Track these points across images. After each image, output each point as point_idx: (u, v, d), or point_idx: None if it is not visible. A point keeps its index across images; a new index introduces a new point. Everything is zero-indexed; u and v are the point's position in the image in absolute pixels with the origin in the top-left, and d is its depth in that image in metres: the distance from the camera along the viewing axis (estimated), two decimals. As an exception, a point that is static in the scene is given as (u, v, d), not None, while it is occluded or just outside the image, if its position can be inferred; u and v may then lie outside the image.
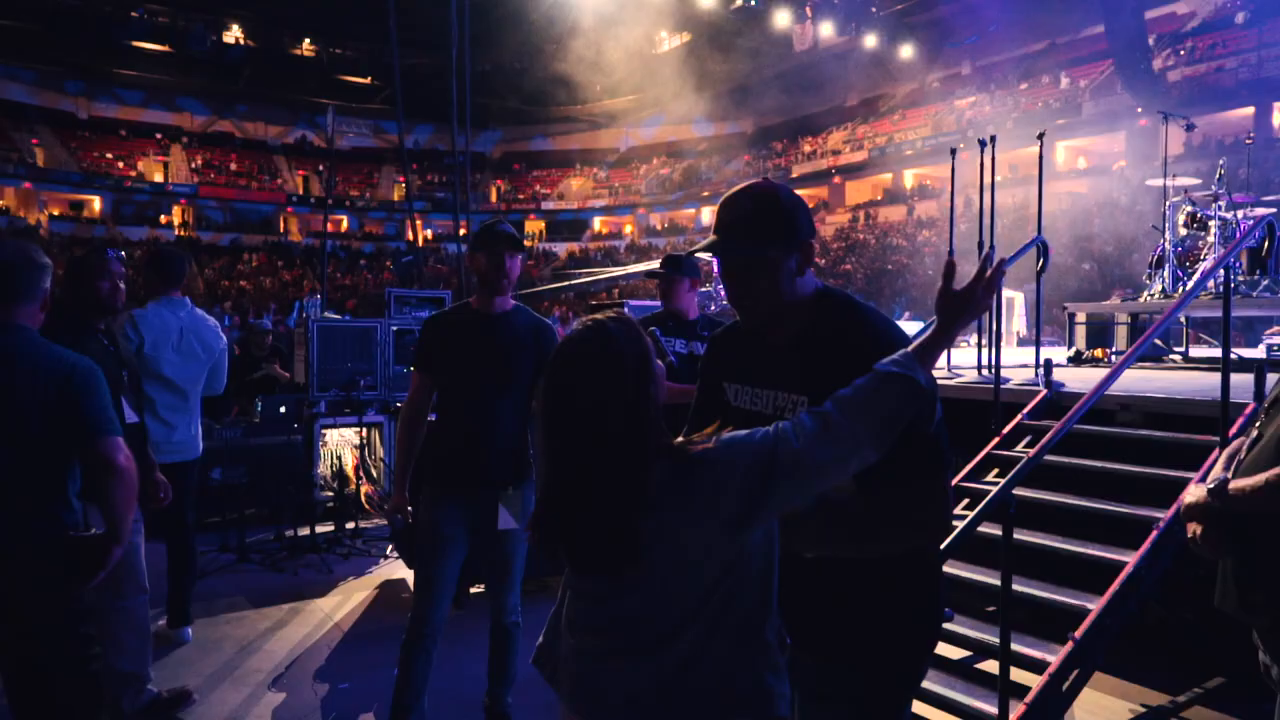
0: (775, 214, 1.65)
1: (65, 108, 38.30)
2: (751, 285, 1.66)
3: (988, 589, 3.55)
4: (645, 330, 1.45)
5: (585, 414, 1.34)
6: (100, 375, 2.34)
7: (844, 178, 36.30)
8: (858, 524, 1.53)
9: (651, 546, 1.30)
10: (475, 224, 23.27)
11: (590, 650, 1.40)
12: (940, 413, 1.46)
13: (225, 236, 38.10)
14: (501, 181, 46.36)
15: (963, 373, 5.63)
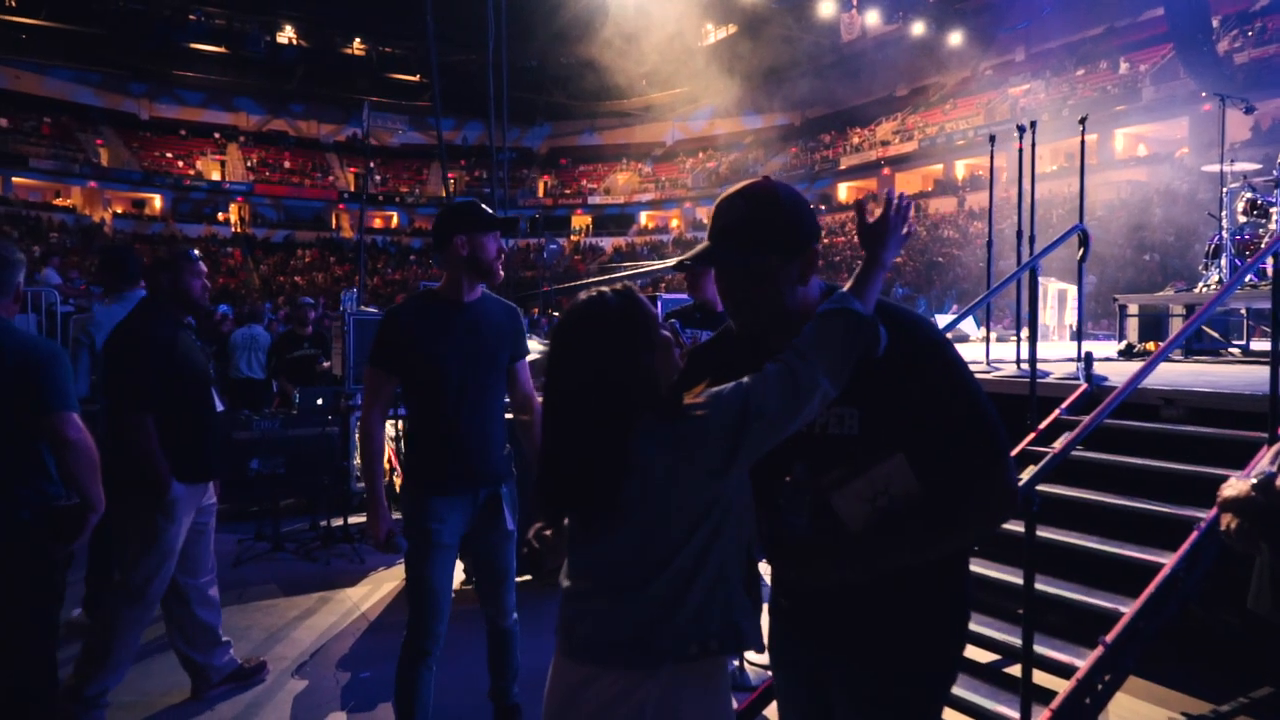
0: (775, 217, 1.52)
1: (128, 109, 39.52)
2: (749, 295, 1.56)
3: (1017, 590, 3.42)
4: (666, 322, 1.56)
5: (578, 368, 1.47)
6: (63, 357, 2.50)
7: (893, 169, 35.67)
8: (929, 526, 1.49)
9: (635, 493, 1.41)
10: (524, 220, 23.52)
11: (578, 591, 1.50)
12: (983, 393, 1.52)
13: (279, 233, 38.96)
14: (548, 176, 46.58)
15: (1002, 367, 5.46)
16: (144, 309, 3.34)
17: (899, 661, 1.57)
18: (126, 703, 3.49)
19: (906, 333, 1.53)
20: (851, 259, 31.27)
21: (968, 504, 1.50)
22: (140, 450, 3.15)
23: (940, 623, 1.59)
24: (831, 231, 35.36)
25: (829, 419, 1.54)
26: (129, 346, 3.22)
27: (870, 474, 1.49)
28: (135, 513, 3.22)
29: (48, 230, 31.63)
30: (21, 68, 35.89)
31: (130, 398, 3.15)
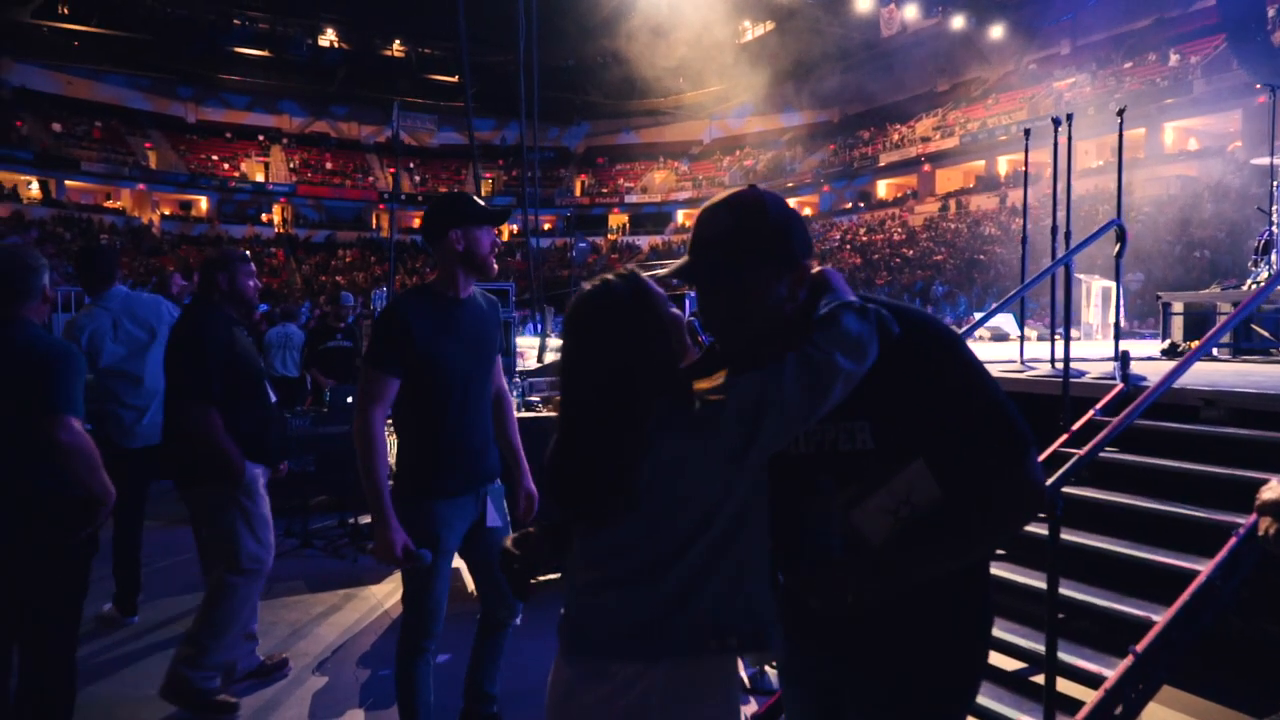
0: (761, 228, 1.41)
1: (175, 112, 40.47)
2: (733, 314, 1.44)
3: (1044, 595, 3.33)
4: (687, 321, 1.50)
5: (591, 357, 1.44)
6: (72, 360, 2.56)
7: (933, 165, 35.17)
8: (956, 532, 1.42)
9: (648, 480, 1.37)
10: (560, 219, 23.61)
11: (587, 583, 1.46)
12: (999, 388, 1.45)
13: (320, 233, 39.59)
14: (585, 175, 46.74)
15: (1037, 366, 5.33)
16: (201, 307, 3.45)
17: (917, 675, 1.49)
18: (151, 696, 3.53)
19: (911, 330, 1.43)
20: (890, 256, 30.91)
21: (992, 505, 1.42)
22: (209, 441, 3.28)
23: (960, 633, 1.51)
24: (871, 229, 34.98)
25: (839, 434, 1.45)
26: (191, 343, 3.33)
27: (891, 485, 1.43)
28: (220, 503, 3.36)
29: (98, 232, 32.52)
30: (74, 74, 36.95)
31: (195, 392, 3.27)
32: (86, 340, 4.11)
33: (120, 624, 4.30)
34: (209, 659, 3.33)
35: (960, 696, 1.55)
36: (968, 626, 1.52)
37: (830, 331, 1.36)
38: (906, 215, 34.84)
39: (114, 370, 4.16)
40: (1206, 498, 3.40)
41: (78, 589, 2.77)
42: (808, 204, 40.64)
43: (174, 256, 32.58)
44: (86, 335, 4.11)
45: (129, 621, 4.32)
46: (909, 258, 30.29)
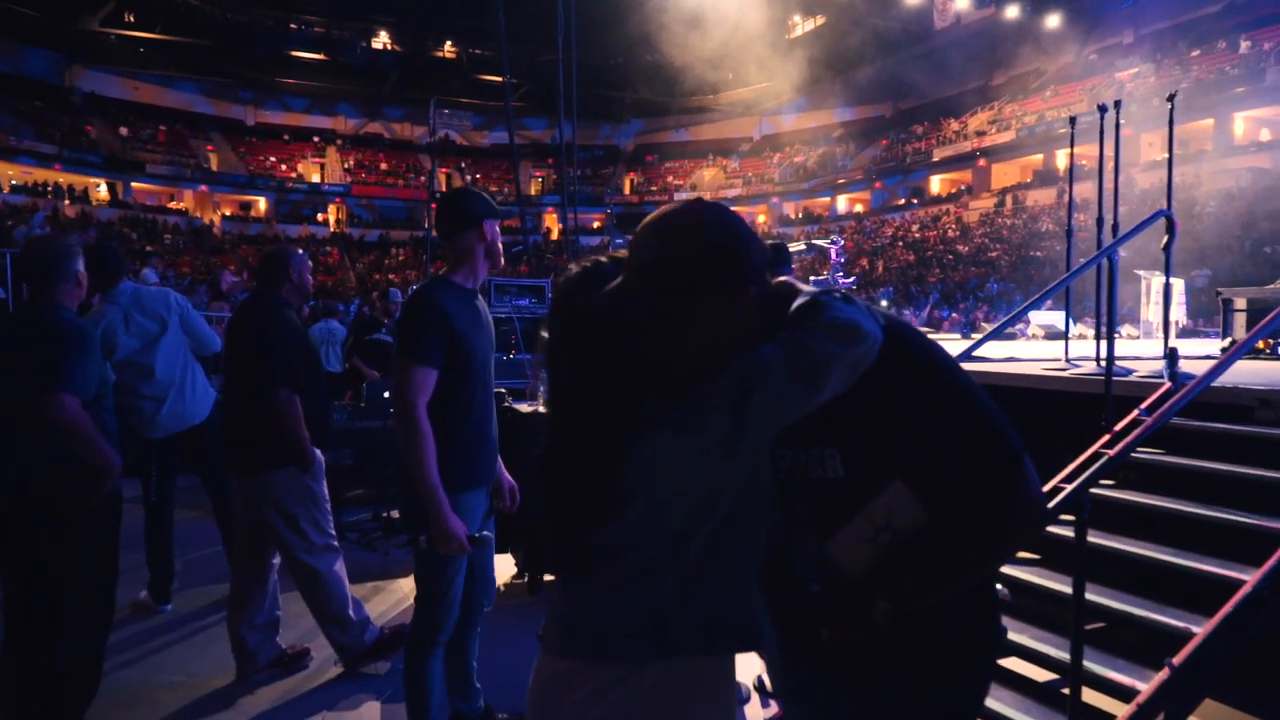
0: (696, 256, 1.24)
1: (234, 115, 41.58)
2: (667, 349, 1.27)
3: (1091, 606, 3.17)
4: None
5: (578, 342, 1.35)
6: (81, 338, 2.67)
7: (989, 160, 34.34)
8: (946, 558, 1.30)
9: (641, 474, 1.29)
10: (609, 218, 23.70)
11: (584, 587, 1.38)
12: (982, 392, 1.32)
13: (373, 232, 40.29)
14: (635, 173, 46.76)
15: (1082, 365, 5.13)
16: (270, 299, 3.56)
17: (916, 695, 1.39)
18: (176, 683, 3.60)
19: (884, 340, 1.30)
20: (943, 253, 30.28)
21: (989, 523, 1.29)
22: (289, 425, 3.41)
23: (962, 652, 1.40)
24: (924, 226, 34.32)
25: (809, 461, 1.35)
26: (270, 333, 3.44)
27: (867, 512, 1.31)
28: (291, 487, 3.51)
29: (162, 232, 33.58)
30: (140, 79, 38.22)
31: (280, 379, 3.40)
32: (101, 335, 4.20)
33: (154, 611, 4.39)
34: (350, 622, 3.64)
35: (959, 715, 1.45)
36: (970, 640, 1.41)
37: (814, 318, 1.26)
38: (961, 211, 34.11)
39: (128, 363, 4.24)
40: (1257, 503, 3.21)
41: (98, 572, 2.82)
42: (859, 200, 40.07)
43: (234, 256, 33.48)
44: (100, 331, 4.20)
45: (162, 609, 4.40)
46: (962, 254, 29.64)
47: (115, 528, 2.89)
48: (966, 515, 1.29)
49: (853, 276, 17.28)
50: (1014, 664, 3.12)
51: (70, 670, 2.79)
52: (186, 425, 4.33)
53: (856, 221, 38.22)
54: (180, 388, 4.31)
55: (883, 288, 27.92)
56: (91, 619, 2.87)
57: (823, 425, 1.29)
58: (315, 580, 3.61)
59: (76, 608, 2.79)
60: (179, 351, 4.34)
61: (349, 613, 3.66)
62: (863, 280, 29.39)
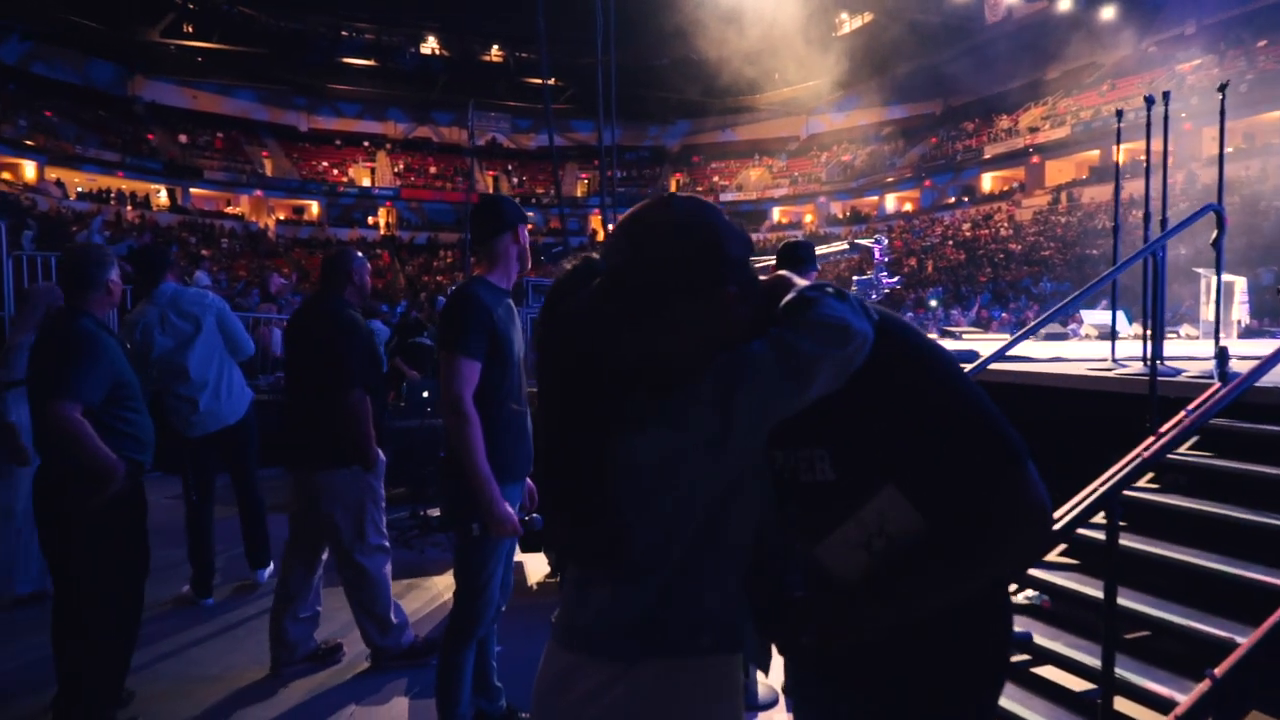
0: (667, 256, 1.20)
1: (288, 121, 42.54)
2: (650, 347, 1.23)
3: (1127, 613, 3.06)
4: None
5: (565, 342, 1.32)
6: (86, 350, 2.75)
7: (1043, 157, 33.52)
8: (942, 565, 1.23)
9: (630, 474, 1.26)
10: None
11: (581, 581, 1.38)
12: (978, 391, 1.25)
13: (422, 235, 40.89)
14: (680, 174, 46.70)
15: (1129, 365, 4.96)
16: (337, 301, 3.63)
17: (915, 698, 1.33)
18: (213, 675, 3.68)
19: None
20: (994, 252, 29.66)
21: (988, 528, 1.21)
22: (360, 424, 3.51)
23: (965, 654, 1.34)
24: (975, 224, 33.66)
25: (798, 463, 1.29)
26: (345, 334, 3.51)
27: (858, 517, 1.26)
28: (356, 485, 3.60)
29: (219, 236, 34.47)
30: (199, 88, 39.36)
31: (355, 379, 3.49)
32: (140, 334, 4.33)
33: (196, 605, 4.50)
34: (390, 625, 3.71)
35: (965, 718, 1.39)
36: (973, 642, 1.34)
37: (804, 315, 1.21)
38: (1013, 209, 33.38)
39: (164, 362, 4.34)
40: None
41: (113, 570, 2.91)
42: (908, 199, 39.46)
43: (287, 259, 34.24)
44: (139, 330, 4.33)
45: (205, 603, 4.51)
46: (1014, 253, 28.99)
47: (131, 528, 2.97)
48: (963, 520, 1.23)
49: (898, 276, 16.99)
50: (1049, 672, 3.03)
51: (89, 665, 2.90)
52: (221, 425, 4.41)
53: (905, 221, 37.65)
54: (215, 388, 4.39)
55: (932, 287, 27.46)
56: (108, 616, 2.96)
57: (813, 425, 1.25)
58: (364, 579, 3.66)
59: (94, 606, 2.90)
60: (213, 353, 4.41)
61: (390, 615, 3.73)
62: (910, 280, 28.94)
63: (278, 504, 6.97)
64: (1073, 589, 3.20)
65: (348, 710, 3.40)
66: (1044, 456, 3.81)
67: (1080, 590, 3.17)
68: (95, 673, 2.91)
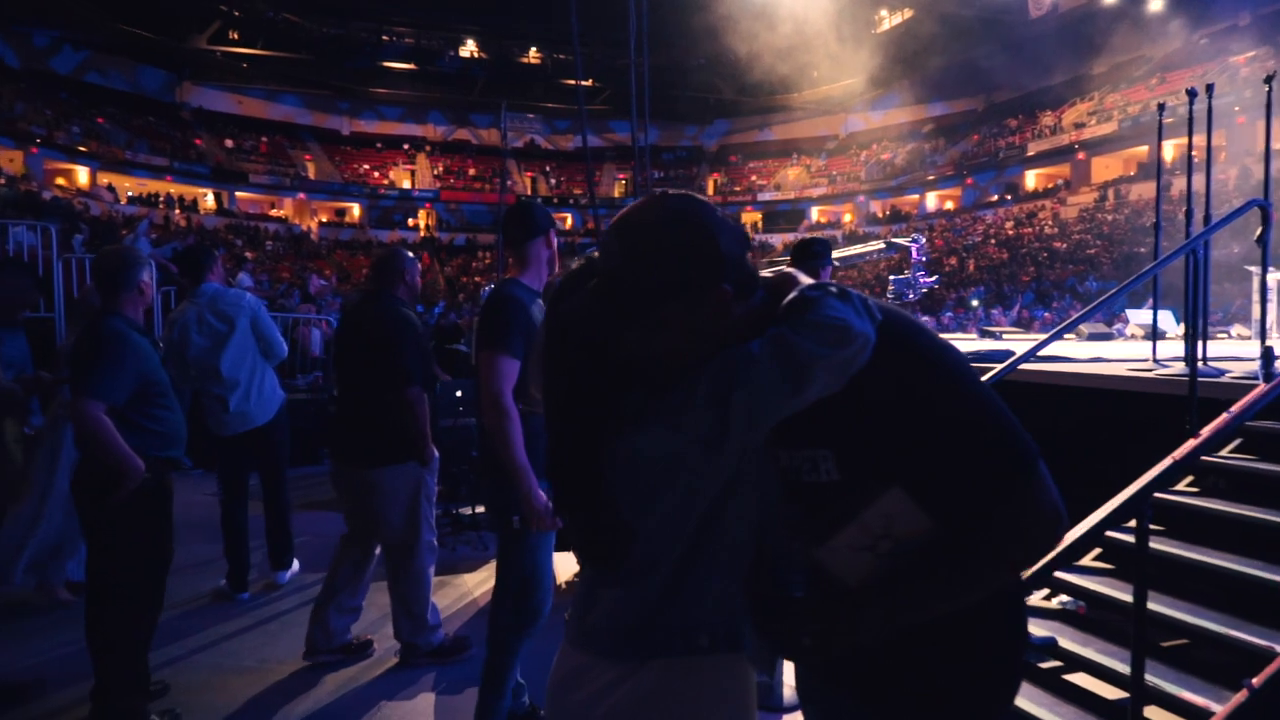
0: (656, 257, 1.19)
1: (331, 125, 43.25)
2: (643, 349, 1.23)
3: (1163, 620, 2.99)
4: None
5: (568, 342, 1.33)
6: (111, 351, 2.84)
7: (1089, 153, 32.82)
8: (947, 569, 1.20)
9: (630, 474, 1.27)
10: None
11: (591, 581, 1.39)
12: (988, 392, 1.23)
13: (460, 236, 41.30)
14: (718, 174, 46.58)
15: (1172, 365, 4.84)
16: (392, 300, 3.70)
17: (915, 701, 1.30)
18: (248, 668, 3.75)
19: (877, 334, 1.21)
20: (1038, 250, 29.12)
21: (994, 534, 1.18)
22: (418, 421, 3.57)
23: (981, 663, 1.30)
24: (1019, 223, 33.07)
25: (802, 464, 1.26)
26: (404, 332, 3.58)
27: (863, 519, 1.22)
28: (411, 480, 3.65)
29: (263, 239, 35.15)
30: (245, 93, 40.20)
31: (416, 376, 3.56)
32: (178, 333, 4.42)
33: (232, 599, 4.59)
34: (425, 624, 3.76)
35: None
36: (980, 645, 1.30)
37: (803, 314, 1.20)
38: (1058, 207, 32.73)
39: (198, 361, 4.42)
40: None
41: (132, 565, 3.00)
42: (949, 197, 38.92)
43: (329, 260, 34.80)
44: (178, 328, 4.43)
45: (240, 598, 4.60)
46: (1059, 251, 28.43)
47: (152, 524, 3.04)
48: (970, 525, 1.20)
49: (936, 275, 16.77)
50: (1081, 679, 2.96)
51: (109, 656, 3.00)
52: (250, 426, 4.48)
53: (946, 219, 37.13)
54: (245, 390, 4.45)
55: (973, 287, 27.04)
56: (125, 609, 3.05)
57: (817, 425, 1.22)
58: (409, 575, 3.71)
59: (111, 598, 3.01)
60: (246, 354, 4.46)
61: (427, 614, 3.78)
62: (951, 279, 28.53)
63: (314, 501, 7.12)
64: (1106, 594, 3.13)
65: (378, 705, 3.44)
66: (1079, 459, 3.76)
67: (1114, 596, 3.10)
68: (116, 664, 2.99)
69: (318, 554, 5.45)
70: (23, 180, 26.96)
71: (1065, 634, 3.16)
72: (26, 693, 3.39)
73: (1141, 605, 2.31)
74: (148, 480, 2.91)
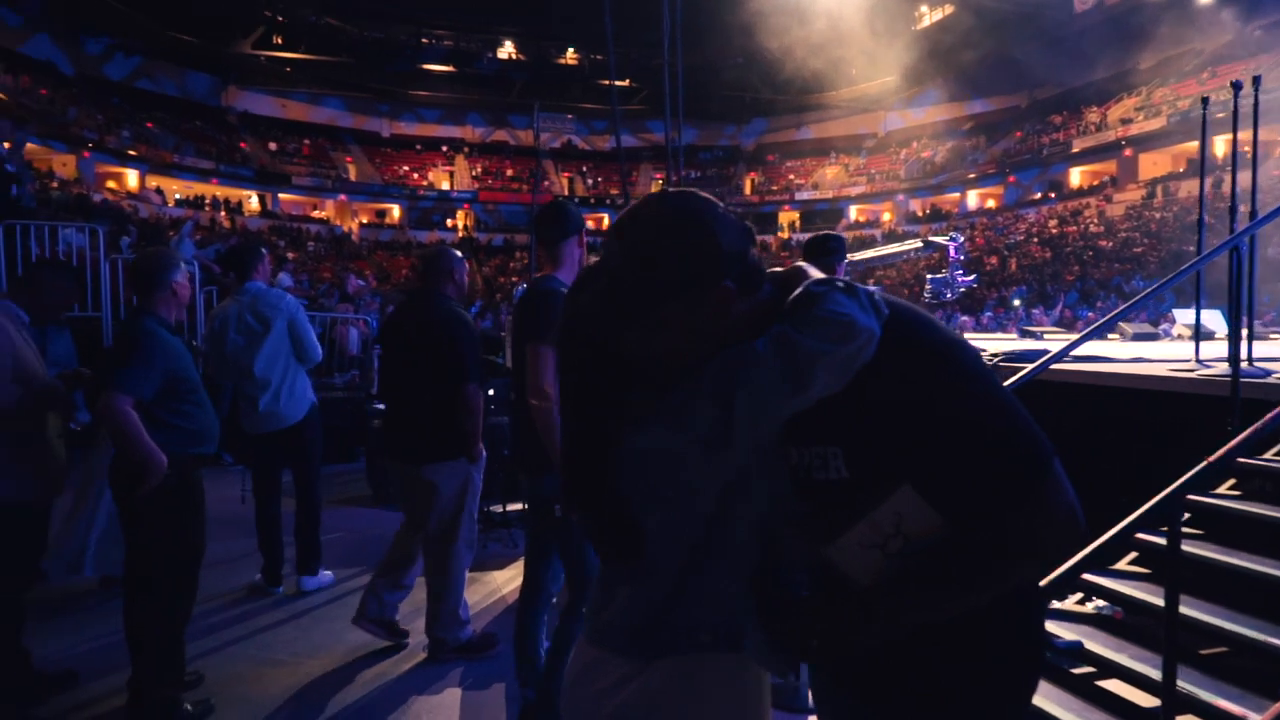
0: (661, 249, 1.19)
1: (372, 128, 43.85)
2: (645, 349, 1.23)
3: (1200, 626, 2.91)
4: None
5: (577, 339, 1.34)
6: (137, 346, 2.91)
7: (1136, 149, 32.07)
8: (959, 571, 1.18)
9: (635, 475, 1.27)
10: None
11: (605, 579, 1.41)
12: (1002, 390, 1.20)
13: (498, 237, 41.63)
14: (755, 174, 46.38)
15: (1215, 365, 4.70)
16: (445, 299, 3.76)
17: (925, 706, 1.28)
18: (281, 661, 3.82)
19: (885, 330, 1.19)
20: (1083, 249, 28.55)
21: (1002, 535, 1.16)
22: (475, 415, 3.67)
23: (994, 666, 1.27)
24: (1063, 221, 32.45)
25: (812, 460, 1.24)
26: (462, 330, 3.66)
27: (872, 517, 1.20)
28: (462, 476, 3.73)
29: (306, 240, 35.76)
30: (288, 97, 40.95)
31: (474, 373, 3.64)
32: (218, 328, 4.52)
33: (266, 593, 4.67)
34: (456, 620, 3.82)
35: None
36: (994, 650, 1.27)
37: (808, 310, 1.19)
38: (1104, 205, 32.04)
39: (234, 358, 4.50)
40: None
41: (163, 556, 3.08)
42: (991, 196, 38.32)
43: (370, 261, 35.29)
44: (218, 324, 4.52)
45: (274, 592, 4.68)
46: (1105, 250, 27.83)
47: (177, 519, 3.10)
48: (983, 526, 1.17)
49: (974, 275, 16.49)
50: (1114, 685, 2.90)
51: (142, 648, 3.07)
52: (280, 426, 4.52)
53: (988, 218, 36.56)
54: (275, 391, 4.48)
55: (1015, 286, 26.57)
56: (154, 602, 3.12)
57: (826, 422, 1.21)
58: (445, 569, 3.78)
59: (141, 591, 3.11)
60: (279, 355, 4.49)
61: (459, 610, 3.83)
62: (992, 278, 28.08)
63: (349, 497, 7.23)
64: (1142, 599, 3.05)
65: (409, 699, 3.48)
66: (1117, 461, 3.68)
67: (1150, 600, 3.02)
68: (151, 655, 3.06)
69: (351, 550, 5.53)
70: (75, 183, 27.73)
71: (1099, 639, 3.09)
72: (67, 682, 3.49)
73: (1173, 609, 2.25)
74: (170, 477, 2.98)
